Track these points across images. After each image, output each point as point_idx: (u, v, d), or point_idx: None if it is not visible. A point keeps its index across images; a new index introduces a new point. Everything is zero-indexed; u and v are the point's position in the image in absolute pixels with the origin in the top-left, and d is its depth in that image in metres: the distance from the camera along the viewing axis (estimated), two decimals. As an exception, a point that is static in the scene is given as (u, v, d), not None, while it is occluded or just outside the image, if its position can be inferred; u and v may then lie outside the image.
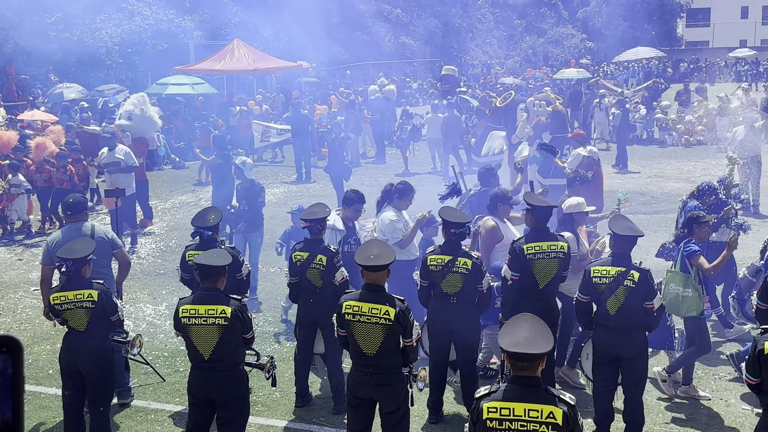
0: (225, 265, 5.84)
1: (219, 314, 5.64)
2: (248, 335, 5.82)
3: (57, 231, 8.03)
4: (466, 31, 51.80)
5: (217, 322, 5.64)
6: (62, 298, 6.33)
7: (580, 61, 50.59)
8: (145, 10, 31.77)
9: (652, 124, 25.79)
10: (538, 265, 6.93)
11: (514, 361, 4.02)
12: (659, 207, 15.93)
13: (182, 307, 5.77)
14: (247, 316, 5.80)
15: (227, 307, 5.67)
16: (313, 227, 7.42)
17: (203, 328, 5.66)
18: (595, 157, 12.14)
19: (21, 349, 1.09)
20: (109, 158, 13.30)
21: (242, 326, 5.73)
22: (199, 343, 5.70)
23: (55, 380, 7.74)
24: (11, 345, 1.09)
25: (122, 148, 13.53)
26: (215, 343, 5.66)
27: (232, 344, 5.71)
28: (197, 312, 5.68)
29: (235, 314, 5.67)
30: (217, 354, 5.67)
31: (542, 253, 6.94)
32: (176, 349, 8.83)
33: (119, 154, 13.26)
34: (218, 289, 5.79)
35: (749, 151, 15.11)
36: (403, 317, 5.57)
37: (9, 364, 1.09)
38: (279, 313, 10.07)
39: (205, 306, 5.68)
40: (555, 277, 7.00)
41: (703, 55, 57.93)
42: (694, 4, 66.15)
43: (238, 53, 26.87)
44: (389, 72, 42.21)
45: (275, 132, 19.78)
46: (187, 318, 5.69)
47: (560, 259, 6.97)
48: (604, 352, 6.43)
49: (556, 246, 6.98)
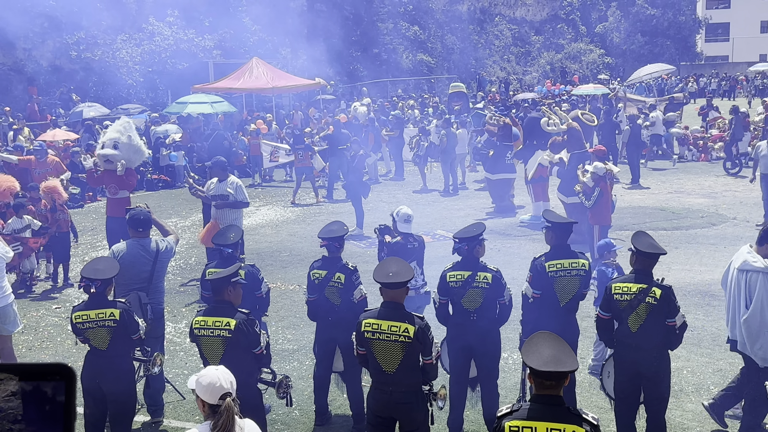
0: (227, 276, 5.90)
1: (224, 326, 5.74)
2: (257, 350, 5.85)
3: (122, 243, 7.95)
4: (484, 47, 51.90)
5: (222, 334, 5.73)
6: (84, 316, 6.37)
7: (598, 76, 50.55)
8: (165, 30, 32.11)
9: (670, 139, 25.65)
10: (559, 283, 6.90)
11: (541, 380, 3.99)
12: (680, 223, 15.81)
13: (195, 318, 5.93)
14: (253, 330, 5.82)
15: (232, 320, 5.74)
16: (331, 245, 7.43)
17: (210, 339, 5.78)
18: (601, 173, 12.13)
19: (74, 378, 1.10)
20: (217, 190, 11.66)
21: (247, 340, 5.75)
22: (209, 355, 5.81)
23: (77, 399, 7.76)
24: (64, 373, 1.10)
25: (233, 180, 11.91)
26: (221, 356, 5.72)
27: (238, 358, 5.74)
28: (206, 323, 5.80)
29: (239, 327, 5.71)
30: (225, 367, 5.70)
31: (564, 270, 6.91)
32: (196, 367, 8.84)
33: (229, 187, 11.69)
34: (228, 302, 5.87)
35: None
36: (423, 335, 5.55)
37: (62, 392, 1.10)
38: (298, 331, 10.07)
39: (213, 318, 5.80)
40: (576, 294, 6.96)
41: (722, 69, 57.61)
42: (713, 20, 65.93)
43: (256, 71, 27.06)
44: (407, 89, 42.37)
45: (284, 152, 19.58)
46: (198, 329, 5.83)
47: (581, 276, 6.94)
48: (626, 370, 6.37)
49: (578, 263, 6.94)
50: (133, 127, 14.16)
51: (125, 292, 7.24)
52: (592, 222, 12.05)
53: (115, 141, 13.12)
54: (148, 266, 7.55)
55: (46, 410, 1.08)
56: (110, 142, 13.11)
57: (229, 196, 11.49)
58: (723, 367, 8.54)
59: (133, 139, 13.35)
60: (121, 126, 13.63)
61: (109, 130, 13.73)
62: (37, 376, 1.09)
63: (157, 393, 7.65)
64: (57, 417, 1.08)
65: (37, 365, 1.10)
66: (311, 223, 15.14)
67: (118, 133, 13.31)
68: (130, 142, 13.17)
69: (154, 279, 7.61)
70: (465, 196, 19.67)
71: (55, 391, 1.09)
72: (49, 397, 1.09)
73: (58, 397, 1.09)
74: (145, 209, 8.14)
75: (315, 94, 33.31)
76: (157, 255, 7.58)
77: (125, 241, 7.99)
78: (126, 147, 13.14)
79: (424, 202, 18.62)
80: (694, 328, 9.54)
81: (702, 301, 10.79)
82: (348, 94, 36.80)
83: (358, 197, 15.93)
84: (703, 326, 9.78)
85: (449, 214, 16.67)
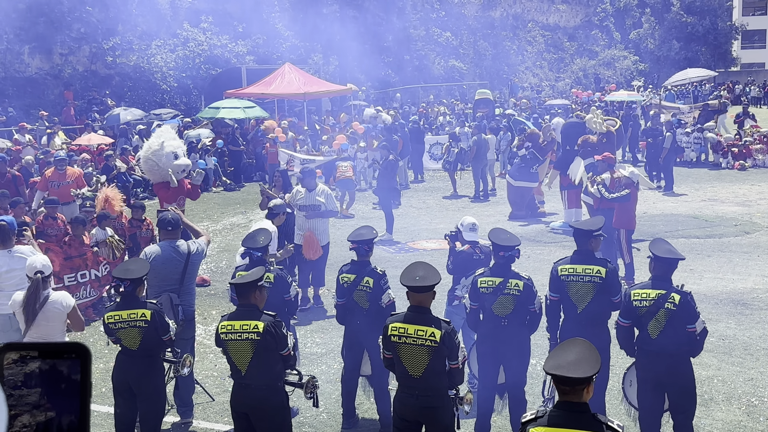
0: (254, 281, 5.93)
1: (252, 329, 5.75)
2: (284, 352, 5.87)
3: (154, 245, 8.06)
4: (516, 53, 51.74)
5: (251, 337, 5.74)
6: (116, 317, 6.46)
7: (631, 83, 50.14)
8: (200, 36, 32.44)
9: (705, 146, 25.38)
10: (572, 288, 6.89)
11: (558, 385, 4.00)
12: (713, 231, 15.63)
13: (221, 323, 5.93)
14: (281, 332, 5.85)
15: (259, 323, 5.76)
16: (360, 249, 7.47)
17: (238, 343, 5.78)
18: (635, 179, 12.15)
19: (89, 356, 1.14)
20: (307, 199, 11.19)
21: (276, 342, 5.79)
22: (237, 359, 5.83)
23: (108, 398, 7.87)
24: (80, 351, 1.14)
25: (322, 188, 11.54)
26: (250, 359, 5.76)
27: (267, 360, 5.79)
28: (233, 327, 5.81)
29: (268, 329, 5.74)
30: (253, 370, 5.77)
31: (575, 275, 6.88)
32: (225, 369, 8.91)
33: (320, 195, 11.23)
34: (254, 305, 5.90)
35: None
36: (449, 339, 5.56)
37: (77, 370, 1.14)
38: (327, 335, 10.11)
39: (240, 321, 5.81)
40: (593, 302, 6.87)
41: (759, 77, 56.86)
42: (749, 26, 65.11)
43: (288, 77, 27.22)
44: (438, 95, 42.36)
45: (299, 161, 19.35)
46: (225, 334, 5.82)
47: (596, 283, 6.85)
48: (648, 378, 6.32)
49: (592, 270, 6.88)
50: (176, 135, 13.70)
51: (157, 293, 7.34)
52: (616, 225, 11.99)
53: (182, 149, 12.73)
54: (179, 268, 7.64)
55: (63, 387, 1.13)
56: (180, 152, 12.48)
57: (320, 205, 11.07)
58: (754, 376, 8.44)
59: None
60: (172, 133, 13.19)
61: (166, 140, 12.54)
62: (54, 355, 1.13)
63: (187, 394, 7.73)
64: (73, 394, 1.13)
65: (54, 344, 1.14)
66: (341, 227, 15.18)
67: (178, 142, 12.83)
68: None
69: (186, 280, 7.70)
70: (495, 202, 19.62)
71: (71, 370, 1.13)
72: (65, 375, 1.13)
73: (74, 375, 1.13)
74: (174, 211, 8.26)
75: (347, 99, 33.43)
76: (189, 257, 7.68)
77: (158, 243, 8.10)
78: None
79: (454, 208, 18.61)
80: (726, 337, 9.45)
81: (734, 309, 10.67)
82: (380, 100, 36.87)
83: (388, 202, 15.96)
84: (734, 335, 9.66)
85: (480, 220, 16.40)
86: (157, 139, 12.70)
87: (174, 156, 12.23)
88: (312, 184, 11.16)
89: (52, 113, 25.68)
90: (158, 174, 12.39)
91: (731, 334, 9.65)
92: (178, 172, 12.27)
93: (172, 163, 12.19)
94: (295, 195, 11.23)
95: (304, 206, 11.05)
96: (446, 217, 17.30)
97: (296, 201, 11.13)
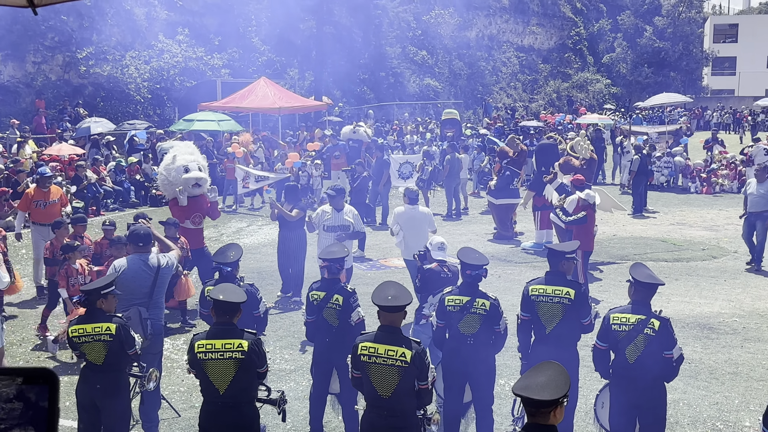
0: (240, 302, 5.88)
1: (236, 348, 5.66)
2: (262, 369, 5.85)
3: (123, 258, 7.84)
4: (491, 73, 52.14)
5: (235, 356, 5.65)
6: (81, 330, 6.37)
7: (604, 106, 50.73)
8: (174, 48, 32.32)
9: (675, 170, 25.73)
10: (541, 308, 6.93)
11: (525, 406, 4.02)
12: (681, 255, 15.81)
13: (198, 342, 5.77)
14: (262, 350, 5.83)
15: (244, 341, 5.69)
16: (332, 267, 7.45)
17: (220, 362, 5.66)
18: (591, 201, 12.32)
19: (57, 382, 1.12)
20: (336, 220, 10.82)
21: (258, 360, 5.75)
22: (216, 378, 5.70)
23: (72, 412, 7.75)
24: (48, 377, 1.12)
25: (350, 209, 11.19)
26: (231, 378, 5.67)
27: (247, 379, 5.74)
28: (214, 347, 5.68)
29: (252, 348, 5.69)
30: (232, 389, 5.69)
31: (545, 296, 6.93)
32: (192, 384, 8.83)
33: (348, 215, 10.93)
34: (233, 323, 5.82)
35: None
36: (419, 359, 5.55)
37: (45, 396, 1.12)
38: (296, 351, 10.06)
39: (222, 340, 5.69)
40: (562, 323, 6.91)
41: (728, 103, 57.78)
42: (720, 53, 66.19)
43: (264, 91, 27.20)
44: (413, 113, 42.54)
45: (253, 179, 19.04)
46: (204, 353, 5.69)
47: (564, 304, 6.90)
48: (622, 401, 6.36)
49: (561, 291, 6.93)
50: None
51: (126, 307, 7.27)
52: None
53: (198, 163, 11.88)
54: (148, 281, 7.57)
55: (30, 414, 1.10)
56: (194, 165, 11.72)
57: (350, 225, 10.71)
58: (719, 400, 8.52)
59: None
60: (191, 148, 12.54)
61: (179, 154, 11.98)
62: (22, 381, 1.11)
63: (152, 409, 7.63)
64: (40, 421, 1.11)
65: (21, 369, 1.12)
66: (312, 243, 15.15)
67: (194, 155, 12.05)
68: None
69: (155, 294, 7.63)
70: (467, 221, 19.70)
71: (38, 396, 1.11)
72: (33, 401, 1.11)
73: (42, 402, 1.11)
74: (145, 225, 8.19)
75: (321, 115, 33.44)
76: (159, 270, 7.61)
77: (127, 256, 8.01)
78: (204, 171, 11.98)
79: (427, 226, 18.62)
80: (692, 361, 9.53)
81: (700, 333, 10.78)
82: (354, 116, 36.92)
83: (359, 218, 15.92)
84: (700, 359, 9.76)
85: (451, 238, 16.62)
86: (171, 153, 12.16)
87: (184, 170, 11.60)
88: (340, 204, 10.80)
89: (23, 122, 25.40)
90: (170, 189, 11.81)
91: (697, 358, 9.74)
92: (188, 187, 11.59)
93: (181, 177, 11.57)
94: (322, 215, 10.77)
95: (333, 227, 10.63)
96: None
97: (323, 221, 10.68)
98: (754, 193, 14.22)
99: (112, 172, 21.45)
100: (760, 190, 14.15)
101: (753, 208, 14.24)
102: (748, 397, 8.64)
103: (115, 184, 21.16)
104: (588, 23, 62.49)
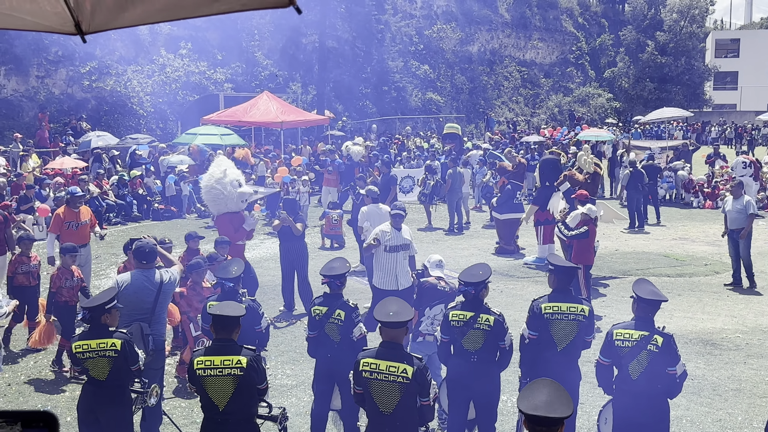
0: (239, 316, 5.86)
1: (235, 365, 5.64)
2: (262, 386, 5.83)
3: (127, 273, 7.84)
4: (493, 88, 52.29)
5: (233, 373, 5.63)
6: (84, 346, 6.36)
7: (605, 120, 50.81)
8: (176, 62, 32.44)
9: (676, 184, 25.74)
10: (555, 326, 6.89)
11: (532, 426, 3.97)
12: (684, 270, 15.78)
13: (197, 359, 5.75)
14: (261, 367, 5.81)
15: (242, 358, 5.67)
16: (333, 283, 7.44)
17: (219, 379, 5.65)
18: (593, 215, 12.30)
19: (57, 425, 1.12)
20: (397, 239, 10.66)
21: (257, 376, 5.73)
22: (215, 395, 5.69)
23: (73, 427, 7.74)
24: (48, 420, 1.12)
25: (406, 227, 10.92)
26: (231, 394, 5.65)
27: (247, 395, 5.71)
28: (213, 363, 5.66)
29: (251, 364, 5.67)
30: (232, 405, 5.67)
31: (560, 314, 6.89)
32: (194, 400, 8.81)
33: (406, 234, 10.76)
34: (232, 339, 5.80)
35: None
36: (421, 376, 5.54)
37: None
38: (298, 367, 10.04)
39: (220, 357, 5.68)
40: (574, 340, 6.92)
41: (730, 118, 57.86)
42: (722, 68, 66.34)
43: (266, 105, 27.26)
44: (415, 127, 42.64)
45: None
46: (203, 370, 5.68)
47: (579, 322, 6.90)
48: (625, 417, 6.33)
49: (576, 308, 6.92)
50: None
51: (128, 323, 7.26)
52: (575, 261, 12.04)
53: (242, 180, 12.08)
54: (151, 297, 7.56)
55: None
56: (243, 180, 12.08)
57: (410, 243, 10.56)
58: (722, 417, 8.48)
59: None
60: (231, 162, 12.63)
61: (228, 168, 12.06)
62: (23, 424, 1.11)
63: (154, 425, 7.61)
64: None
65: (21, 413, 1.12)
66: (314, 258, 15.15)
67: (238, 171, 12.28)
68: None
69: (157, 310, 7.62)
70: (469, 236, 19.69)
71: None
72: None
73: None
74: (150, 241, 8.19)
75: (324, 129, 33.52)
76: (161, 286, 7.61)
77: (130, 271, 8.01)
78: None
79: (429, 241, 18.63)
80: (695, 377, 9.50)
81: (703, 349, 10.74)
82: (357, 130, 37.02)
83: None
84: (703, 375, 9.72)
85: (453, 253, 16.66)
86: (218, 167, 12.12)
87: (238, 184, 11.82)
88: (400, 224, 10.69)
89: (27, 136, 25.49)
90: (223, 204, 11.81)
91: (700, 374, 9.71)
92: (242, 201, 11.86)
93: (237, 191, 11.74)
94: (383, 236, 10.56)
95: (396, 246, 10.49)
96: (421, 249, 17.16)
97: (385, 241, 10.56)
98: (732, 210, 14.12)
99: (114, 186, 21.50)
100: (736, 206, 14.04)
101: (732, 225, 14.13)
102: (751, 414, 8.60)
103: (118, 197, 21.20)
104: (590, 38, 62.76)
